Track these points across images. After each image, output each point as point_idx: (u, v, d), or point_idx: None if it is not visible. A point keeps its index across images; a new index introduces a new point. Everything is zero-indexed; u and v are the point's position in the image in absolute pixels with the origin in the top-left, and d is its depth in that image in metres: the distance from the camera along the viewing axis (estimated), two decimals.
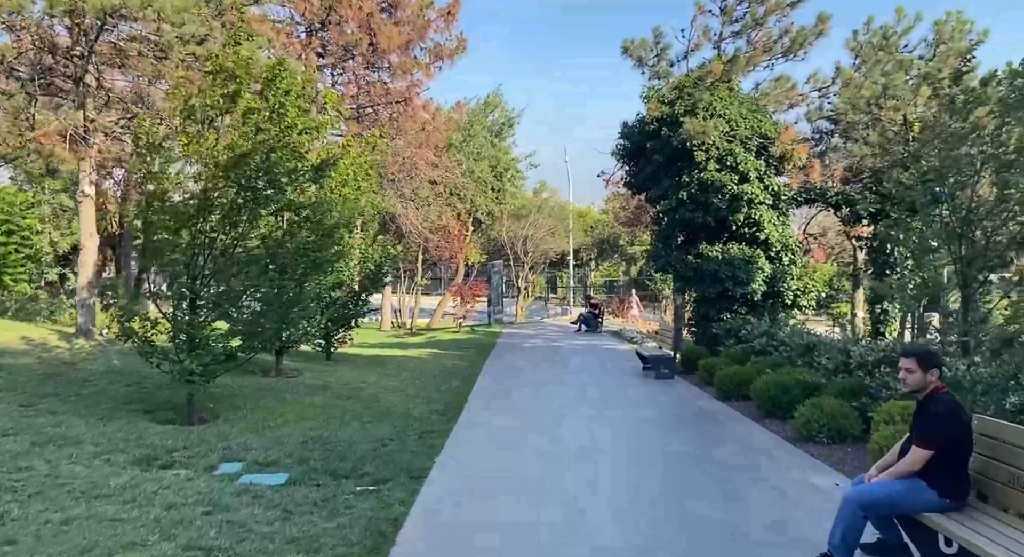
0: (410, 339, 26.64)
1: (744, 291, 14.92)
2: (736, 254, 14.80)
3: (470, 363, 17.05)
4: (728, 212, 14.64)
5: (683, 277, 15.51)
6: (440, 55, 20.55)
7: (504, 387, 13.25)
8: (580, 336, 26.00)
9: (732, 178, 14.39)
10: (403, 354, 19.29)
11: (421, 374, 14.67)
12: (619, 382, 13.97)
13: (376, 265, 16.32)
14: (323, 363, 15.72)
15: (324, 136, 12.45)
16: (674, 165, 15.13)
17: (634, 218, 28.99)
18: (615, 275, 49.72)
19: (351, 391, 11.91)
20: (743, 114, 14.73)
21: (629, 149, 16.40)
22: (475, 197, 31.75)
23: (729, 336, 14.84)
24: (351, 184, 12.92)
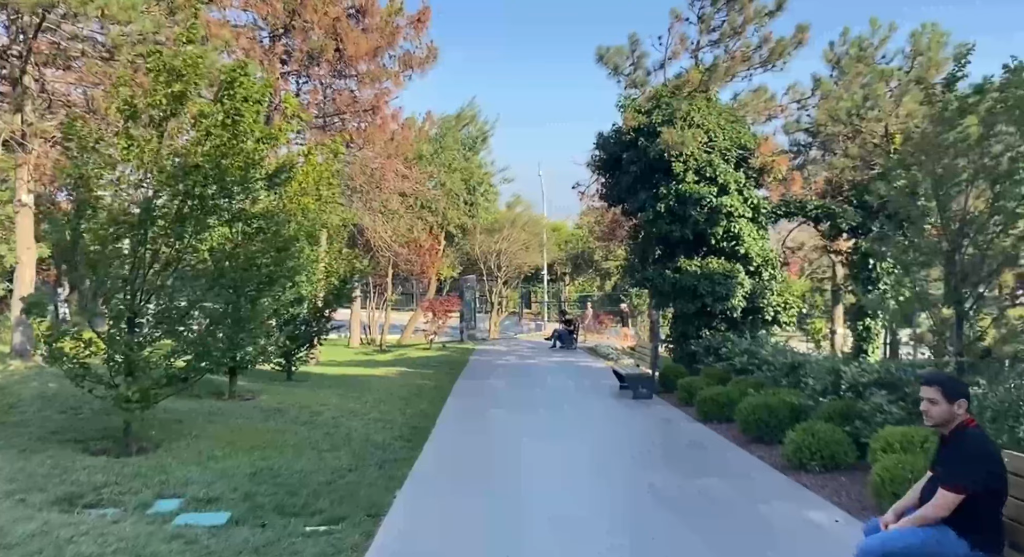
0: (379, 357, 25.83)
1: (724, 307, 14.44)
2: (715, 269, 14.33)
3: (439, 383, 16.33)
4: (707, 225, 14.17)
5: (661, 292, 15.00)
6: (410, 64, 19.97)
7: (474, 409, 12.56)
8: (555, 353, 25.40)
9: (711, 190, 13.94)
10: (370, 373, 18.50)
11: (387, 395, 13.92)
12: (595, 403, 13.35)
13: (341, 280, 15.57)
14: (283, 384, 14.90)
15: (284, 143, 11.77)
16: (651, 177, 14.64)
17: (609, 232, 28.57)
18: (590, 290, 49.29)
19: (310, 415, 11.13)
20: (722, 125, 14.33)
21: (605, 160, 15.90)
22: (447, 210, 31.10)
23: (709, 354, 14.33)
24: (311, 194, 12.22)
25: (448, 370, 19.49)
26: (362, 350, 29.60)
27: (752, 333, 14.67)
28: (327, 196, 12.87)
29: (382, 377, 17.66)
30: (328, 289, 15.59)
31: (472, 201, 35.02)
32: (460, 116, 34.13)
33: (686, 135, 13.30)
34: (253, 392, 12.77)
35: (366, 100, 18.68)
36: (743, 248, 14.36)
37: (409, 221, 25.50)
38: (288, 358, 15.48)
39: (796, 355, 11.25)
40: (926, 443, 6.68)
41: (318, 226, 13.78)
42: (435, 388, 15.43)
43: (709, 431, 10.42)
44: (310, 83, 18.36)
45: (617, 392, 14.78)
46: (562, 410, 12.56)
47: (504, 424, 11.07)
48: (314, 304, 15.55)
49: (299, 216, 11.76)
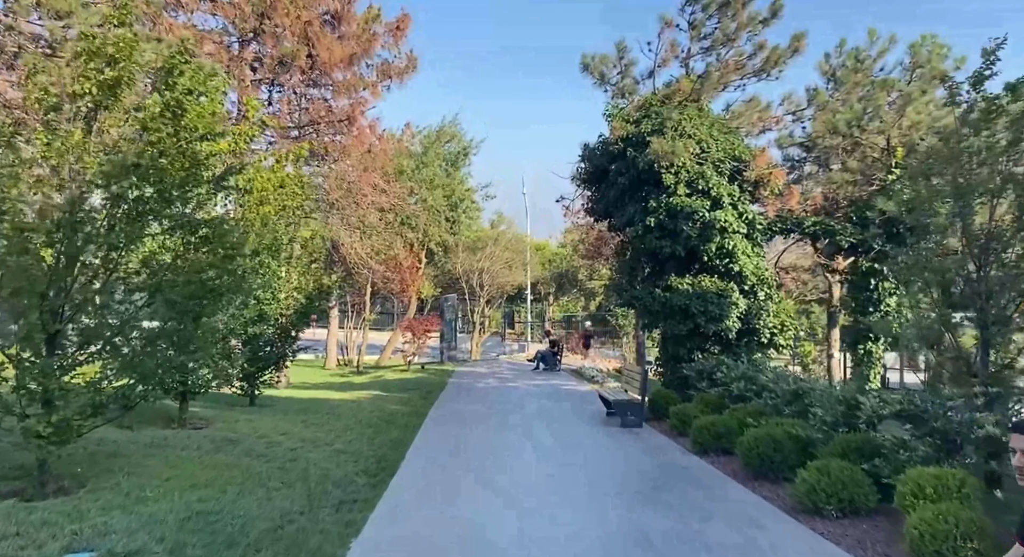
0: (355, 379, 24.74)
1: (717, 328, 13.56)
2: (708, 287, 13.47)
3: (414, 408, 15.28)
4: (699, 241, 13.35)
5: (650, 312, 14.11)
6: (388, 73, 19.11)
7: (450, 439, 11.53)
8: (538, 375, 24.39)
9: (703, 204, 13.13)
10: (341, 397, 17.40)
11: (355, 422, 12.85)
12: (582, 431, 12.37)
13: (308, 297, 14.54)
14: (244, 410, 13.80)
15: (243, 147, 10.80)
16: (640, 189, 13.82)
17: (594, 250, 27.72)
18: (574, 310, 48.40)
19: (266, 446, 10.05)
20: (714, 135, 13.56)
21: (591, 172, 15.07)
22: (428, 227, 30.15)
23: (702, 378, 13.42)
24: (273, 203, 11.23)
25: (425, 394, 18.43)
26: (338, 372, 28.51)
27: (747, 356, 13.82)
28: (292, 206, 11.88)
29: (354, 402, 16.57)
30: (295, 307, 14.56)
31: (454, 218, 34.13)
32: (442, 131, 33.29)
33: (677, 145, 12.51)
34: (207, 419, 11.67)
35: (342, 110, 17.76)
36: (737, 266, 13.53)
37: (388, 238, 24.51)
38: (251, 381, 14.40)
39: (800, 381, 10.35)
40: (963, 488, 5.79)
41: (283, 239, 12.81)
42: (409, 414, 14.38)
43: (706, 465, 9.47)
44: (283, 92, 17.42)
45: (604, 418, 13.83)
46: (544, 439, 11.56)
47: (480, 456, 10.05)
48: (281, 323, 14.52)
49: (258, 226, 10.79)
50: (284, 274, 14.51)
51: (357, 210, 21.60)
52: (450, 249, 35.68)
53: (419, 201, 30.96)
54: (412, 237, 30.49)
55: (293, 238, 14.72)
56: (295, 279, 14.50)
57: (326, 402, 16.17)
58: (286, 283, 14.52)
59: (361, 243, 21.34)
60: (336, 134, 18.66)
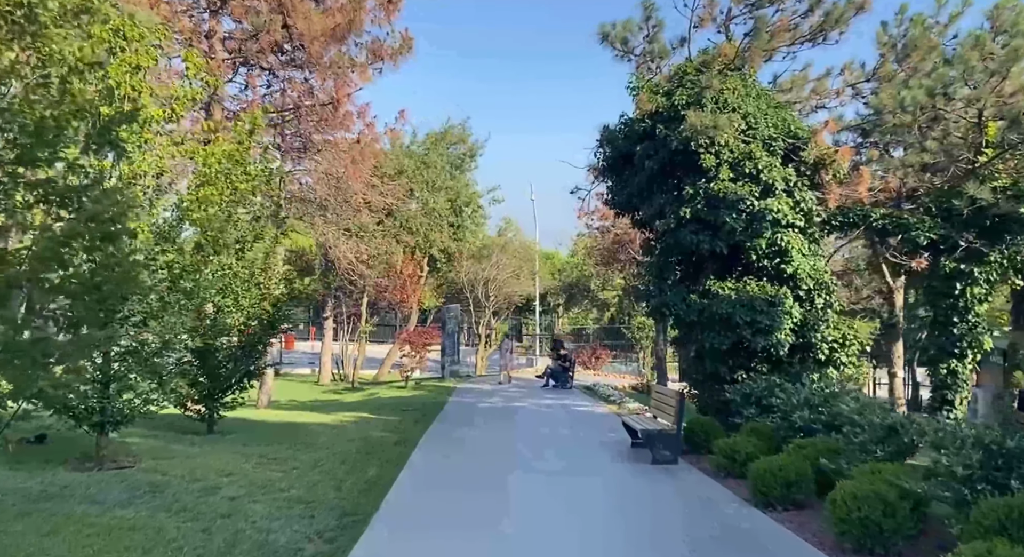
0: (346, 397, 22.47)
1: (766, 342, 11.21)
2: (756, 293, 11.13)
3: (404, 435, 12.95)
4: (745, 236, 11.02)
5: (683, 322, 11.78)
6: (380, 54, 16.94)
7: (439, 480, 9.20)
8: (547, 393, 22.01)
9: (751, 190, 10.81)
10: (323, 420, 15.10)
11: (328, 455, 10.53)
12: (602, 468, 10.02)
13: (273, 304, 12.27)
14: (197, 439, 11.52)
15: (181, 110, 8.59)
16: (672, 174, 11.56)
17: (608, 256, 25.36)
18: (585, 322, 45.99)
19: (199, 494, 7.73)
20: (763, 109, 11.28)
21: (612, 157, 12.79)
22: (428, 231, 27.89)
23: (748, 403, 11.04)
24: (220, 184, 9.02)
25: (420, 415, 16.10)
26: (331, 388, 26.27)
27: (801, 375, 11.44)
28: (246, 188, 9.65)
29: (335, 426, 14.25)
30: (262, 316, 12.28)
31: (458, 223, 31.88)
32: (447, 132, 31.10)
33: (719, 118, 10.23)
34: (138, 455, 9.36)
35: (324, 91, 15.58)
36: (791, 267, 11.18)
37: (382, 241, 22.26)
38: (209, 404, 12.12)
39: (894, 414, 7.93)
40: None
41: (247, 235, 10.61)
42: (396, 443, 12.05)
43: (777, 527, 7.09)
44: (253, 68, 15.22)
45: (629, 451, 11.47)
46: (558, 481, 9.22)
47: (475, 507, 7.72)
48: (248, 334, 12.25)
49: (196, 212, 8.56)
50: (250, 276, 12.27)
51: (347, 209, 19.38)
52: (454, 257, 33.41)
53: (421, 204, 28.77)
54: (411, 242, 28.27)
55: (260, 235, 12.48)
56: (264, 282, 12.24)
57: (302, 427, 13.86)
58: (252, 288, 12.27)
59: (350, 246, 19.07)
60: (320, 121, 16.48)
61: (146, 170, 8.09)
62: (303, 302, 12.58)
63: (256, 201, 12.38)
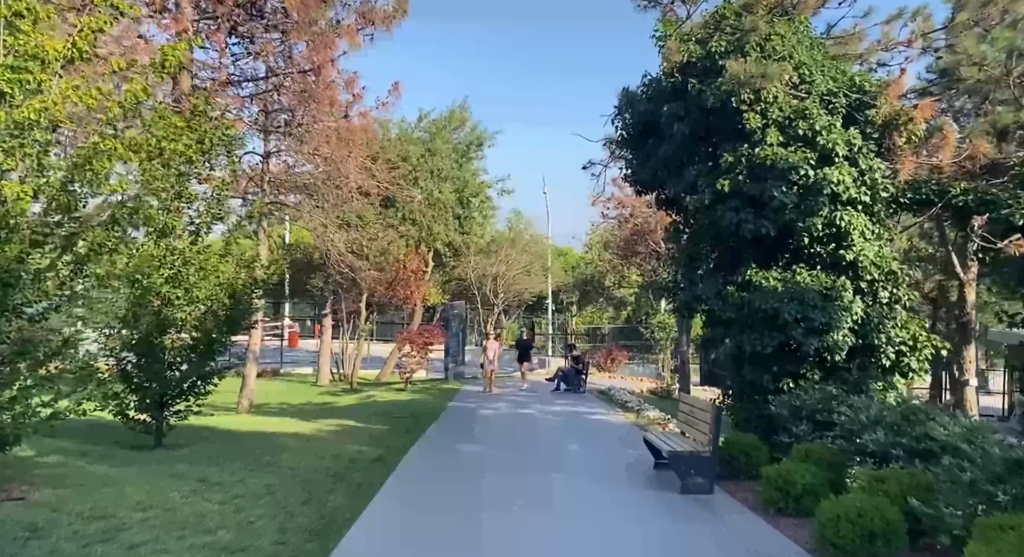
0: (341, 400, 20.67)
1: (820, 344, 9.18)
2: (808, 284, 9.11)
3: (389, 449, 11.05)
4: (797, 214, 8.98)
5: (718, 320, 9.79)
6: (371, 18, 15.08)
7: (412, 519, 7.28)
8: (558, 398, 20.08)
9: (806, 157, 8.77)
10: (301, 429, 13.25)
11: (287, 479, 8.64)
12: (622, 504, 8.04)
13: (231, 296, 10.40)
14: (138, 455, 9.69)
15: (85, 45, 6.72)
16: (707, 140, 9.59)
17: (626, 249, 23.29)
18: (600, 322, 43.91)
19: (86, 542, 5.82)
20: (818, 60, 9.28)
21: (633, 125, 10.79)
22: (431, 223, 25.99)
23: (799, 419, 9.03)
24: (126, 141, 7.13)
25: (412, 424, 14.22)
26: (329, 389, 24.49)
27: (863, 385, 9.43)
28: (174, 149, 7.77)
29: (312, 437, 12.39)
30: (219, 309, 10.41)
31: (465, 215, 29.95)
32: (452, 116, 29.17)
33: (768, 66, 8.25)
34: (35, 481, 7.51)
35: (304, 56, 13.71)
36: (851, 253, 9.14)
37: (379, 231, 20.36)
38: (157, 412, 10.27)
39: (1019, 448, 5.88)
40: None
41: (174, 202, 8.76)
42: (375, 461, 10.15)
43: None
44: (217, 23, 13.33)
45: (651, 474, 9.53)
46: (566, 519, 7.28)
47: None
48: (206, 330, 10.39)
49: (98, 171, 6.67)
50: (206, 264, 10.41)
51: (338, 195, 17.52)
52: (460, 251, 31.51)
53: (426, 194, 26.89)
54: (415, 234, 26.39)
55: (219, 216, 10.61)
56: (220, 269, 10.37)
57: (273, 438, 12.01)
58: (209, 277, 10.41)
59: (340, 235, 17.19)
60: (302, 92, 14.61)
61: (34, 118, 6.26)
62: (264, 294, 10.51)
63: (211, 174, 10.54)
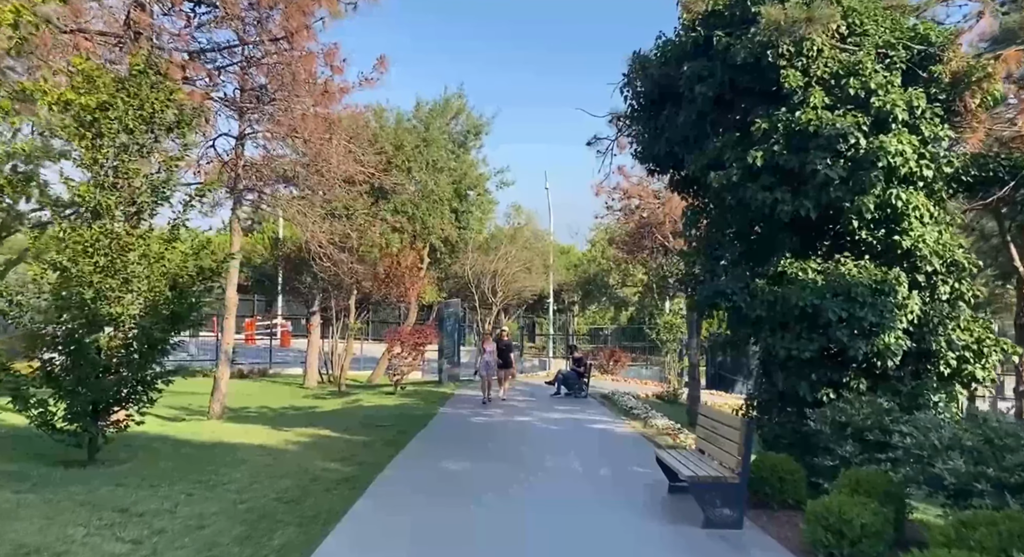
0: (327, 403, 19.22)
1: (869, 348, 7.69)
2: (856, 277, 7.61)
3: (359, 467, 9.55)
4: (845, 192, 7.48)
5: (745, 319, 8.29)
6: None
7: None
8: (559, 403, 18.60)
9: (858, 121, 7.27)
10: (267, 440, 11.74)
11: (228, 507, 7.14)
12: (636, 539, 6.55)
13: (173, 288, 8.91)
14: (63, 473, 8.22)
15: None
16: (735, 105, 8.12)
17: (632, 243, 21.73)
18: (602, 322, 42.37)
19: None
20: (870, 8, 7.78)
21: (645, 92, 9.30)
22: (426, 216, 24.51)
23: (843, 437, 7.54)
24: None
25: (396, 433, 12.74)
26: (315, 392, 23.04)
27: (918, 396, 7.94)
28: (86, 103, 6.28)
29: (276, 450, 10.88)
30: (159, 303, 8.92)
31: (462, 209, 28.47)
32: (448, 104, 27.69)
33: (815, 8, 6.76)
34: None
35: (276, 23, 12.23)
36: (908, 239, 7.64)
37: (366, 222, 18.87)
38: (88, 423, 8.78)
39: None
40: None
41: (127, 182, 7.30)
42: (343, 482, 8.65)
43: None
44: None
45: (665, 498, 8.07)
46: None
47: None
48: (143, 329, 8.90)
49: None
50: (150, 251, 8.93)
51: (319, 182, 16.04)
52: (457, 247, 30.02)
53: (420, 186, 25.43)
54: (409, 228, 24.92)
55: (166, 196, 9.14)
56: (160, 256, 8.88)
57: (234, 451, 10.52)
58: (153, 265, 8.94)
59: (319, 226, 15.70)
60: (275, 64, 13.12)
61: None
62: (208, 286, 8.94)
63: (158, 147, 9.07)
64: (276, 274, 31.85)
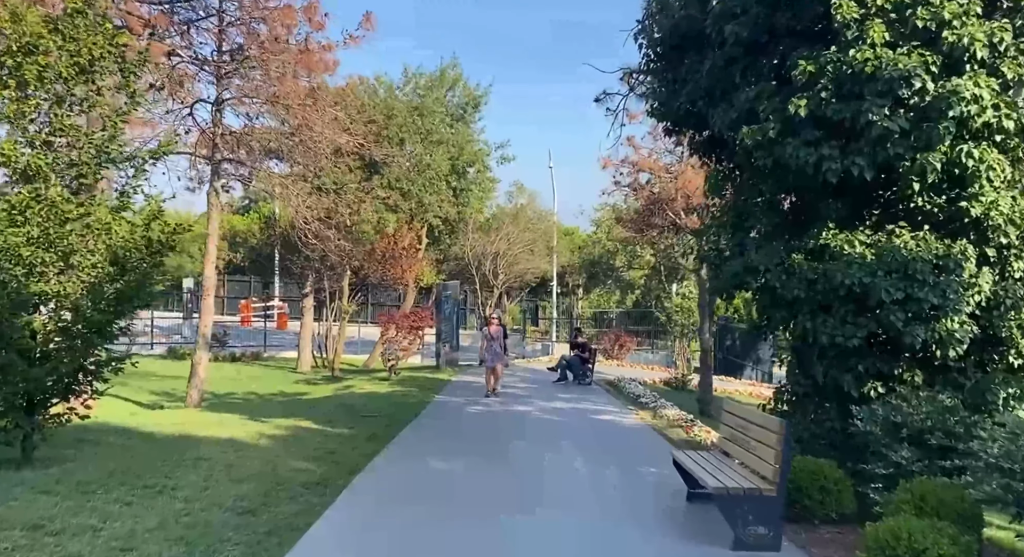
0: (317, 390, 18.23)
1: (929, 335, 6.49)
2: (914, 250, 6.41)
3: (334, 467, 8.41)
4: (906, 148, 6.23)
5: (782, 300, 7.09)
6: None
7: None
8: (561, 390, 17.50)
9: (926, 61, 6.02)
10: (240, 433, 10.61)
11: (167, 521, 5.99)
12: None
13: (119, 264, 7.72)
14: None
15: None
16: (771, 48, 6.88)
17: (641, 221, 20.45)
18: (607, 305, 41.17)
19: None
20: None
21: (664, 39, 8.04)
22: (422, 193, 23.24)
23: (897, 440, 6.37)
24: None
25: (383, 425, 11.64)
26: (308, 377, 22.10)
27: (982, 392, 6.76)
28: None
29: (246, 445, 9.75)
30: (103, 279, 7.74)
31: (461, 187, 27.18)
32: (443, 75, 26.30)
33: None
34: None
35: None
36: (978, 207, 6.40)
37: (358, 197, 17.63)
38: (21, 418, 7.64)
39: None
40: None
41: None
42: (312, 486, 7.52)
43: None
44: None
45: (683, 508, 6.94)
46: None
47: None
48: (79, 310, 7.73)
49: None
50: (92, 223, 7.74)
51: (304, 151, 14.80)
52: (456, 227, 28.79)
53: (415, 160, 24.17)
54: (404, 205, 23.67)
55: (112, 159, 7.94)
56: (102, 225, 7.69)
57: (198, 447, 9.40)
58: (97, 240, 7.76)
59: (307, 200, 14.48)
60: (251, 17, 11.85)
61: None
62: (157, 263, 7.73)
63: (100, 101, 7.85)
64: (272, 254, 30.80)
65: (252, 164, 14.29)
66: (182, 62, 13.52)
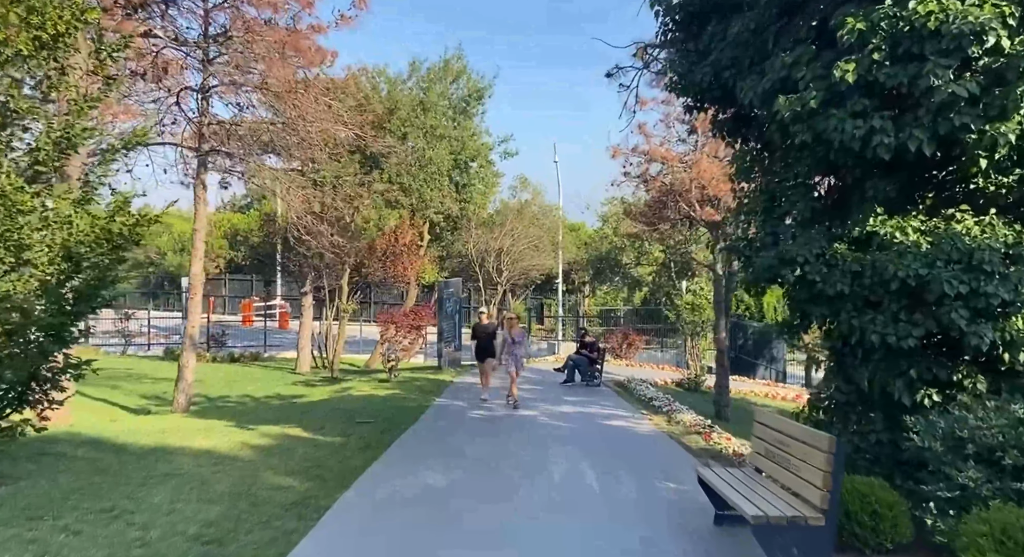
0: (315, 392, 17.49)
1: (996, 335, 5.62)
2: (980, 238, 5.54)
3: (319, 483, 7.58)
4: (974, 117, 5.35)
5: (823, 295, 6.22)
6: None
7: None
8: (568, 393, 16.63)
9: (1002, 12, 5.14)
10: (221, 443, 9.79)
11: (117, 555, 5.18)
12: None
13: (68, 258, 6.89)
14: None
15: None
16: (808, 8, 6.01)
17: (652, 213, 19.52)
18: (615, 303, 40.24)
19: None
20: None
21: (684, 4, 7.17)
22: (423, 187, 22.42)
23: (960, 456, 5.50)
24: None
25: (378, 433, 10.80)
26: (306, 378, 21.35)
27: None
28: None
29: (225, 457, 8.93)
30: (62, 278, 6.92)
31: (464, 182, 26.37)
32: (447, 67, 25.48)
33: None
34: None
35: None
36: None
37: (353, 190, 16.80)
38: None
39: None
40: None
41: None
42: (291, 506, 6.68)
43: None
44: None
45: (710, 531, 6.09)
46: None
47: None
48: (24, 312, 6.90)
49: None
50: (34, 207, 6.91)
51: (296, 142, 13.97)
52: (459, 223, 27.97)
53: (417, 154, 23.36)
54: (405, 201, 22.87)
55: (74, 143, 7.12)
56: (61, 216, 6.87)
57: (171, 460, 8.60)
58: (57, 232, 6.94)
59: (296, 193, 13.63)
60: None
61: None
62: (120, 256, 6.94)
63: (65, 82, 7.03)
64: (273, 253, 30.10)
65: (243, 156, 13.45)
66: (166, 46, 12.73)
